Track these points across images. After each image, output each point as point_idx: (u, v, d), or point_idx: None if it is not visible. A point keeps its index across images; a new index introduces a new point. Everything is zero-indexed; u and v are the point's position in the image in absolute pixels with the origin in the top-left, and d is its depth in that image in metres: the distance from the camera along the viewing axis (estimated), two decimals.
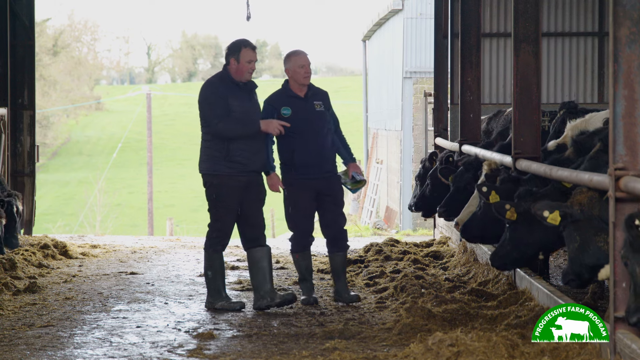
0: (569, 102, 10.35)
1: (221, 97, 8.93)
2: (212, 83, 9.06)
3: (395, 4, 30.82)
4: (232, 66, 8.99)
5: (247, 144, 8.94)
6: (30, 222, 15.23)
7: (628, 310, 5.75)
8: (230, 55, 9.01)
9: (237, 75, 9.00)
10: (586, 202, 6.89)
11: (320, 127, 9.24)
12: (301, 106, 9.25)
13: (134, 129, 62.66)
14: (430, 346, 6.53)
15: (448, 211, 10.69)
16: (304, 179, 9.21)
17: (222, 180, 8.97)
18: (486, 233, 8.97)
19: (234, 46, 9.01)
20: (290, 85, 9.32)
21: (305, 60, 9.26)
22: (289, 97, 9.28)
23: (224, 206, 8.98)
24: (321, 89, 9.46)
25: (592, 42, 17.53)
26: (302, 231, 9.32)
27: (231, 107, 8.92)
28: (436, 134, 15.12)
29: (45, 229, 32.76)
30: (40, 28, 63.27)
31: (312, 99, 9.31)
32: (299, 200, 9.24)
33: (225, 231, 9.05)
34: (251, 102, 9.06)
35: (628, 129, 5.91)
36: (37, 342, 7.55)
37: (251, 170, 8.99)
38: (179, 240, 15.70)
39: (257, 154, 9.02)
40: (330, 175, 9.32)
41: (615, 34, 5.89)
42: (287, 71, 9.29)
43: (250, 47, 9.00)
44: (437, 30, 15.83)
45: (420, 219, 25.93)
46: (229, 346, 7.49)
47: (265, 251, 9.07)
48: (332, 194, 9.32)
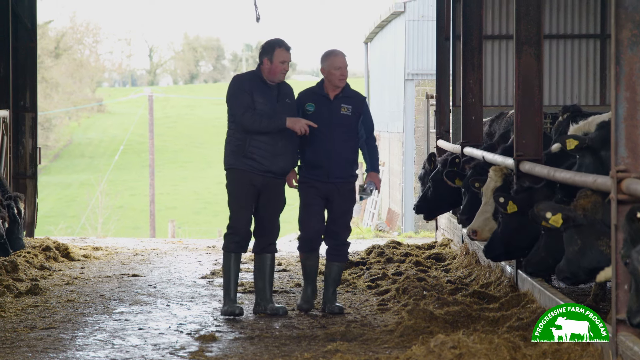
0: (572, 106, 10.33)
1: (246, 91, 8.72)
2: (240, 78, 8.89)
3: (397, 6, 30.84)
4: (265, 66, 8.77)
5: (267, 142, 8.72)
6: (32, 224, 15.24)
7: (630, 311, 5.72)
8: (264, 55, 8.80)
9: (270, 75, 8.78)
10: (590, 207, 6.89)
11: (339, 131, 8.92)
12: (326, 105, 8.96)
13: (135, 131, 62.68)
14: (432, 348, 6.53)
15: (471, 218, 10.13)
16: (311, 180, 8.98)
17: (236, 175, 8.78)
18: (512, 248, 8.58)
19: (268, 46, 8.81)
20: (324, 84, 9.04)
21: (342, 62, 8.95)
22: (317, 95, 9.02)
23: (237, 202, 8.79)
24: (359, 94, 9.11)
25: (594, 44, 17.53)
26: (308, 231, 9.03)
27: (255, 103, 8.70)
28: (438, 136, 15.11)
29: (47, 231, 32.78)
30: (42, 30, 63.30)
31: (341, 101, 8.98)
32: (307, 200, 9.00)
33: (237, 228, 8.80)
34: (279, 103, 8.80)
35: (630, 131, 5.91)
36: (39, 344, 7.55)
37: (267, 171, 8.76)
38: (181, 243, 15.71)
39: (279, 156, 8.77)
40: (341, 182, 8.98)
41: (617, 36, 5.89)
42: (323, 71, 9.01)
43: (285, 47, 8.80)
44: (439, 33, 15.82)
45: (422, 221, 25.92)
46: (231, 348, 7.49)
47: (271, 258, 8.93)
48: (339, 201, 9.00)
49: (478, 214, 9.60)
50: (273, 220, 8.91)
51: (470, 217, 10.28)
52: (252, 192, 8.78)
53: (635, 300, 5.65)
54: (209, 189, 53.36)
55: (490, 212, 9.35)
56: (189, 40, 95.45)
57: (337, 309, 8.99)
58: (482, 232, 9.49)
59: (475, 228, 9.47)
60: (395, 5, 30.94)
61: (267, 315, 8.83)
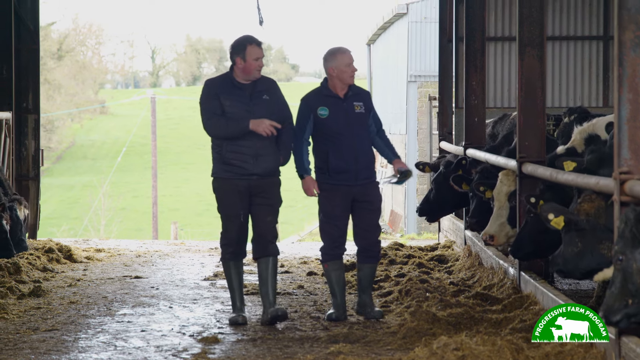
0: (579, 107, 10.33)
1: (212, 95, 8.45)
2: (208, 83, 8.60)
3: (400, 8, 30.86)
4: (239, 65, 8.47)
5: (245, 145, 8.43)
6: (35, 226, 15.25)
7: (609, 309, 5.61)
8: (236, 54, 8.49)
9: (244, 74, 8.48)
10: (593, 212, 6.89)
11: (358, 131, 8.62)
12: (339, 107, 8.64)
13: (138, 133, 62.73)
14: (435, 350, 6.53)
15: (480, 222, 10.20)
16: (338, 185, 8.61)
17: (220, 183, 8.57)
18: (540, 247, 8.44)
19: (239, 45, 8.49)
20: (329, 84, 8.70)
21: (351, 58, 8.66)
22: (327, 97, 8.67)
23: (224, 211, 8.56)
24: (363, 89, 8.84)
25: (597, 46, 17.54)
26: (332, 240, 8.67)
27: (224, 107, 8.42)
28: (441, 138, 15.12)
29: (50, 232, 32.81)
30: (44, 32, 63.40)
31: (352, 99, 8.70)
32: (331, 208, 8.62)
33: (230, 238, 8.56)
34: (252, 101, 8.47)
35: (633, 132, 5.90)
36: (41, 346, 7.56)
37: (252, 174, 8.47)
38: (184, 244, 15.71)
39: (261, 157, 8.47)
40: (368, 182, 8.69)
41: (620, 37, 5.89)
42: (331, 70, 8.63)
43: (256, 43, 8.48)
44: (442, 34, 15.84)
45: (425, 222, 25.91)
46: (234, 350, 7.49)
47: (271, 262, 8.59)
48: (368, 200, 8.68)
49: (493, 219, 9.55)
50: (266, 220, 8.57)
51: (480, 220, 10.28)
52: (239, 198, 8.49)
53: (617, 298, 5.61)
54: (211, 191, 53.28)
55: (505, 216, 9.37)
56: (192, 42, 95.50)
57: (378, 314, 8.67)
58: (498, 237, 9.50)
59: (492, 233, 9.45)
60: (398, 7, 30.97)
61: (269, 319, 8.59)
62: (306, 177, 8.63)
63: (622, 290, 5.60)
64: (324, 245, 8.74)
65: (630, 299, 5.57)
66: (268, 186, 8.56)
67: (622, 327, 5.65)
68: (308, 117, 8.65)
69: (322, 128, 8.62)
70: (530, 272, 8.91)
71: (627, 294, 5.59)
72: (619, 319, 5.62)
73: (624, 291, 5.60)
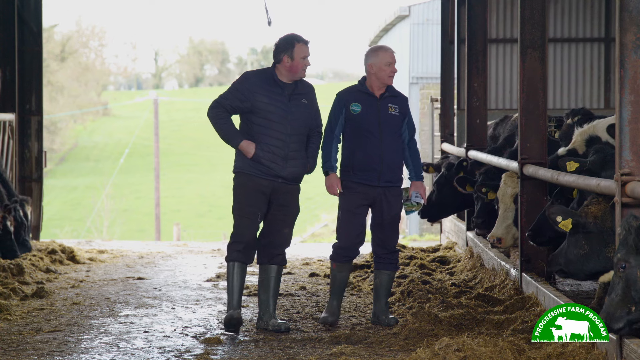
0: (581, 109, 10.34)
1: (246, 88, 8.13)
2: (247, 74, 8.28)
3: (402, 10, 30.87)
4: (285, 64, 8.13)
5: (277, 145, 8.13)
6: (38, 227, 15.27)
7: (610, 316, 5.62)
8: (282, 52, 8.15)
9: (290, 73, 8.15)
10: (600, 216, 6.90)
11: (389, 132, 8.42)
12: (373, 105, 8.44)
13: (141, 135, 62.76)
14: (436, 351, 6.55)
15: (486, 222, 10.20)
16: (360, 185, 8.41)
17: (241, 179, 8.22)
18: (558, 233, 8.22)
19: (286, 42, 8.16)
20: (367, 82, 8.49)
21: (393, 57, 8.46)
22: (362, 94, 8.47)
23: (239, 208, 8.21)
24: (401, 94, 8.63)
25: (599, 48, 17.55)
26: (346, 240, 8.48)
27: (258, 103, 8.12)
28: (442, 140, 15.14)
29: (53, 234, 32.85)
30: (47, 34, 63.43)
31: (388, 100, 8.48)
32: (351, 208, 8.43)
33: (241, 236, 8.19)
34: (291, 102, 8.18)
35: (634, 134, 5.92)
36: (44, 348, 7.57)
37: (277, 176, 8.18)
38: (186, 246, 15.73)
39: (290, 161, 8.20)
40: (391, 185, 8.47)
41: (622, 39, 5.91)
42: (371, 67, 8.43)
43: (304, 42, 8.17)
44: (444, 36, 15.86)
45: (427, 224, 25.92)
46: (236, 351, 7.50)
47: (277, 270, 8.34)
48: (387, 206, 8.47)
49: (499, 221, 9.54)
50: (283, 230, 8.30)
51: (485, 220, 10.29)
52: (259, 198, 8.19)
53: (619, 306, 5.62)
54: (214, 192, 53.41)
55: (511, 218, 9.38)
56: (194, 43, 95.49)
57: (393, 321, 8.46)
58: (506, 240, 9.51)
59: (499, 236, 9.45)
60: (400, 9, 30.98)
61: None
62: (331, 174, 8.44)
63: (624, 298, 5.61)
64: (338, 244, 8.54)
65: (634, 306, 5.58)
66: (290, 193, 8.30)
67: (623, 334, 5.67)
68: (340, 112, 8.49)
69: (353, 124, 8.45)
70: (532, 273, 8.93)
71: (630, 301, 5.60)
72: (621, 326, 5.64)
73: (626, 298, 5.60)
